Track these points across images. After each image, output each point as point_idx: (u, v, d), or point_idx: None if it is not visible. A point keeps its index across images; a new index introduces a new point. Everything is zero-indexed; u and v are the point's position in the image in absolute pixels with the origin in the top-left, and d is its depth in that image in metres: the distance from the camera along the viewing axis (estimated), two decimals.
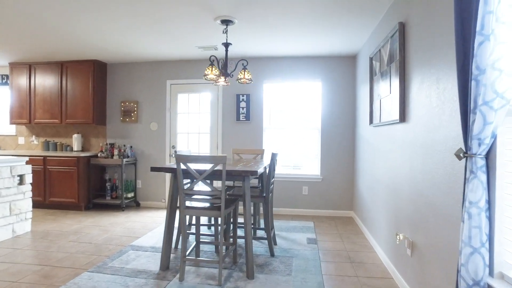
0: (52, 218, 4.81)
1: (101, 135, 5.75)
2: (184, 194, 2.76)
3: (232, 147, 5.35)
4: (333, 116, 5.09)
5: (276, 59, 5.21)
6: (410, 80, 2.56)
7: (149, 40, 4.42)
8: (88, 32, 4.15)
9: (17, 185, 4.00)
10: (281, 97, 5.29)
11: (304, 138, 5.23)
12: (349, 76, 5.05)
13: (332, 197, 5.11)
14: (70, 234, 4.03)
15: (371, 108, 3.81)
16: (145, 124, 5.59)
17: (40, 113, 5.61)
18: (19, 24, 3.84)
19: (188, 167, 2.68)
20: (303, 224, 4.59)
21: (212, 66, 3.36)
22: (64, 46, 4.75)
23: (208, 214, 2.73)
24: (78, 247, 3.59)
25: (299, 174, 5.22)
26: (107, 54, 5.18)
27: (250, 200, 2.84)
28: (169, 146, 5.52)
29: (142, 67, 5.60)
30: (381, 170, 3.41)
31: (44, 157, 5.26)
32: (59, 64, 5.52)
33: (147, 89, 5.58)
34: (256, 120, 5.29)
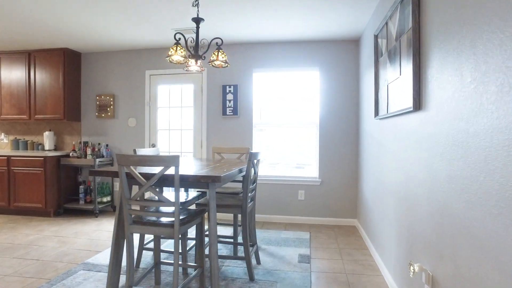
0: (11, 226, 4.24)
1: (75, 132, 5.17)
2: (128, 205, 2.12)
3: (219, 144, 4.71)
4: (333, 109, 4.40)
5: (267, 44, 4.55)
6: (428, 53, 1.87)
7: (124, 24, 3.80)
8: (56, 17, 3.58)
9: None
10: (274, 89, 4.62)
11: (300, 135, 4.56)
12: (351, 63, 4.36)
13: (332, 203, 4.42)
14: (20, 248, 3.43)
15: (376, 98, 3.12)
16: (122, 120, 4.98)
17: (7, 108, 5.05)
18: None
19: (131, 171, 2.05)
20: (297, 235, 3.92)
21: (177, 45, 2.71)
22: (30, 33, 4.17)
23: (158, 232, 2.09)
24: (19, 265, 2.99)
25: (294, 176, 4.55)
26: (79, 42, 4.58)
27: (215, 212, 2.19)
28: (149, 145, 4.90)
29: (118, 56, 5.00)
30: (388, 174, 2.72)
31: (7, 157, 4.69)
32: (26, 53, 4.95)
33: (125, 81, 4.97)
34: (245, 114, 4.63)
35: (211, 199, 2.17)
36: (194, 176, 2.03)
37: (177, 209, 2.02)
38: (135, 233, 2.09)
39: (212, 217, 2.18)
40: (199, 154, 4.78)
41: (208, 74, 4.71)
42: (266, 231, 4.06)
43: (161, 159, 1.98)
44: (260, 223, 4.46)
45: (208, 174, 2.02)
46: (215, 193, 2.18)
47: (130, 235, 2.14)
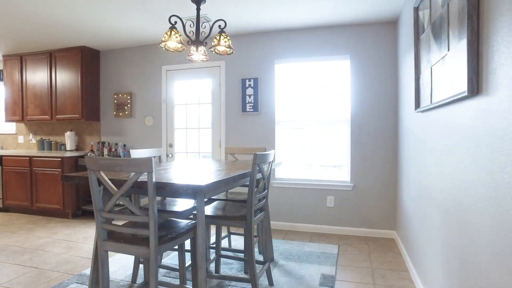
0: (29, 227, 4.17)
1: (95, 132, 5.05)
2: (101, 217, 1.77)
3: (239, 144, 4.30)
4: (366, 103, 3.80)
5: (290, 31, 4.05)
6: (491, 13, 1.30)
7: (139, 18, 3.55)
8: (73, 15, 3.48)
9: None
10: (298, 81, 4.11)
11: (329, 133, 4.00)
12: (387, 49, 3.72)
13: (366, 211, 3.82)
14: (26, 253, 3.28)
15: (417, 86, 2.51)
16: (139, 118, 4.76)
17: (32, 109, 5.06)
18: None
19: (100, 176, 1.69)
20: (324, 248, 3.39)
21: (172, 30, 2.33)
22: (50, 33, 4.12)
23: (134, 252, 1.72)
24: (16, 274, 2.80)
25: (322, 180, 4.01)
26: (97, 40, 4.43)
27: (203, 228, 1.77)
28: (166, 145, 4.63)
29: (135, 52, 4.78)
30: (431, 180, 2.13)
31: (30, 157, 4.67)
32: (48, 53, 4.91)
33: (141, 78, 4.75)
34: (266, 111, 4.17)
35: (199, 212, 1.75)
36: (172, 185, 1.62)
37: (153, 224, 1.63)
38: (109, 251, 1.73)
39: (200, 234, 1.76)
40: (217, 155, 4.41)
41: (226, 67, 4.32)
42: (289, 243, 3.58)
43: (131, 164, 1.60)
44: (283, 232, 3.98)
45: (189, 183, 1.60)
46: (203, 205, 1.76)
47: (103, 253, 1.79)
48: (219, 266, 2.73)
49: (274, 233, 3.95)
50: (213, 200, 2.88)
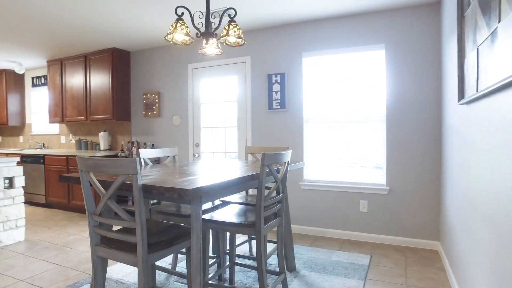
0: (64, 224, 4.32)
1: (126, 132, 5.14)
2: (93, 221, 1.66)
3: (265, 143, 4.09)
4: (404, 97, 3.39)
5: (318, 22, 3.75)
6: None
7: (166, 17, 3.51)
8: (103, 15, 3.55)
9: (4, 189, 3.51)
10: (328, 76, 3.80)
11: (362, 132, 3.64)
12: (428, 35, 3.28)
13: (404, 219, 3.41)
14: (55, 249, 3.36)
15: (460, 72, 2.12)
16: (167, 118, 4.74)
17: (70, 110, 5.28)
18: (40, 19, 3.68)
19: (89, 177, 1.58)
20: (354, 258, 3.06)
21: (178, 21, 2.19)
22: (84, 37, 4.29)
23: (123, 259, 1.58)
24: (39, 270, 2.85)
25: (354, 182, 3.66)
26: (127, 41, 4.49)
27: (199, 236, 1.59)
28: (192, 144, 4.56)
29: (162, 52, 4.77)
30: (478, 188, 1.75)
31: (66, 157, 4.86)
32: (83, 57, 5.08)
33: (169, 77, 4.72)
34: (294, 108, 3.91)
35: (193, 218, 1.57)
36: (158, 188, 1.46)
37: (140, 230, 1.48)
38: (101, 256, 1.61)
39: (195, 243, 1.58)
40: (243, 155, 4.23)
41: (252, 62, 4.13)
42: (315, 250, 3.30)
43: (116, 165, 1.47)
44: (311, 238, 3.70)
45: (175, 187, 1.43)
46: (198, 210, 1.58)
47: (96, 258, 1.68)
48: (234, 274, 2.55)
49: (301, 239, 3.69)
50: (228, 203, 2.71)
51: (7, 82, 6.19)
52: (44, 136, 6.19)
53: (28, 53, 5.11)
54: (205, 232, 2.15)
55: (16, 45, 4.67)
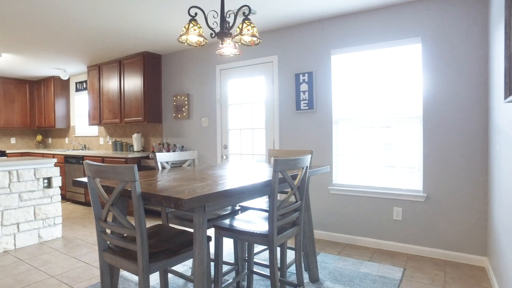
0: None
1: (158, 134, 5.24)
2: (100, 226, 1.65)
3: (292, 145, 3.95)
4: (443, 95, 3.07)
5: (346, 17, 3.53)
6: None
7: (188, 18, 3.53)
8: (132, 21, 3.67)
9: (43, 189, 3.71)
10: (358, 74, 3.56)
11: (396, 133, 3.37)
12: (472, 25, 2.93)
13: (444, 229, 3.09)
14: (85, 247, 3.49)
15: (508, 65, 1.84)
16: (196, 120, 4.76)
17: (106, 113, 5.51)
18: (77, 29, 3.91)
19: (94, 183, 1.57)
20: (384, 270, 2.82)
21: (191, 22, 2.13)
22: (118, 41, 4.43)
23: (127, 267, 1.55)
24: (69, 267, 2.96)
25: (387, 188, 3.40)
26: (158, 44, 4.58)
27: (204, 246, 1.51)
28: (220, 146, 4.53)
29: (191, 53, 4.80)
30: None
31: (102, 157, 5.07)
32: (118, 61, 5.27)
33: (197, 79, 4.74)
34: (323, 108, 3.73)
35: (196, 228, 1.50)
36: (156, 196, 1.40)
37: (139, 237, 1.43)
38: (108, 263, 1.60)
39: (197, 254, 1.50)
40: None
41: (279, 62, 4.01)
42: (343, 260, 3.10)
43: (116, 171, 1.43)
44: (340, 246, 3.49)
45: (171, 195, 1.36)
46: (201, 221, 1.50)
47: (103, 264, 1.67)
48: (252, 283, 2.45)
49: (329, 246, 3.50)
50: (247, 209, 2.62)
51: (54, 88, 6.62)
52: (86, 137, 6.54)
53: (70, 60, 5.40)
54: (218, 240, 2.07)
55: (61, 53, 4.95)
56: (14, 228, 3.49)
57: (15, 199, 3.50)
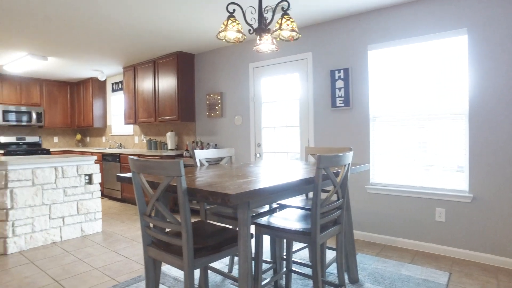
0: (135, 218, 4.64)
1: (191, 132, 5.33)
2: (144, 221, 1.68)
3: (328, 143, 3.87)
4: (492, 90, 2.88)
5: (385, 10, 3.40)
6: None
7: (223, 17, 3.56)
8: (166, 21, 3.76)
9: (85, 185, 3.87)
10: (396, 69, 3.43)
11: (438, 130, 3.21)
12: None
13: (494, 232, 2.90)
14: (124, 242, 3.60)
15: None
16: (229, 118, 4.79)
17: (141, 112, 5.66)
18: (113, 30, 4.02)
19: (140, 179, 1.60)
20: (428, 274, 2.69)
21: (230, 18, 2.13)
22: (152, 42, 4.54)
23: (171, 261, 1.57)
24: (110, 260, 3.07)
25: (429, 187, 3.25)
26: (191, 44, 4.66)
27: (248, 242, 1.49)
28: (254, 144, 4.52)
29: (224, 52, 4.83)
30: None
31: (137, 155, 5.21)
32: (152, 62, 5.40)
33: (230, 77, 4.76)
34: (359, 105, 3.62)
35: (241, 225, 1.49)
36: (202, 191, 1.40)
37: (185, 233, 1.44)
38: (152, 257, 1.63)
39: (243, 251, 1.49)
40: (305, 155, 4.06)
41: (314, 58, 3.94)
42: (383, 261, 2.99)
43: (161, 166, 1.45)
44: (378, 247, 3.38)
45: (218, 191, 1.35)
46: (246, 216, 1.49)
47: (147, 258, 1.70)
48: (290, 282, 2.42)
49: (367, 247, 3.39)
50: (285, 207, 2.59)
51: (92, 89, 6.91)
52: (121, 136, 6.77)
53: (107, 61, 5.61)
54: (259, 237, 2.05)
55: (99, 55, 5.15)
56: (60, 221, 3.67)
57: (61, 194, 3.68)
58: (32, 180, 3.47)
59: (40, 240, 3.52)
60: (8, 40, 4.33)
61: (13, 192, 3.33)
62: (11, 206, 3.31)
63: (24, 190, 3.40)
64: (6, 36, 4.19)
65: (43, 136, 7.33)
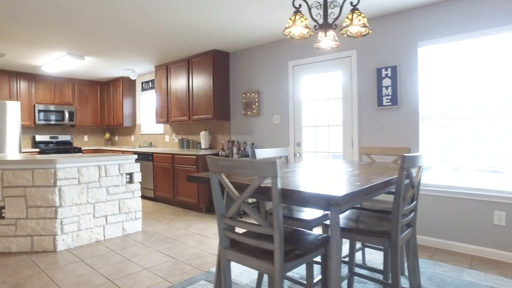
0: (171, 218, 4.63)
1: (226, 131, 5.29)
2: (223, 223, 1.63)
3: (373, 143, 3.76)
4: None
5: (436, 5, 3.27)
6: None
7: (267, 15, 3.50)
8: (205, 18, 3.73)
9: (126, 184, 3.88)
10: (449, 67, 3.29)
11: (497, 129, 3.06)
12: None
13: None
14: (167, 242, 3.59)
15: None
16: (267, 117, 4.72)
17: (174, 111, 5.66)
18: (148, 26, 3.97)
19: (221, 179, 1.54)
20: (494, 281, 2.56)
21: (297, 14, 2.06)
22: (187, 40, 4.51)
23: (256, 266, 1.51)
24: (158, 261, 3.04)
25: (486, 189, 3.10)
26: (227, 42, 4.62)
27: (339, 247, 1.42)
28: (293, 144, 4.45)
29: (261, 51, 4.76)
30: None
31: (172, 155, 5.21)
32: (186, 60, 5.39)
33: (268, 75, 4.69)
34: (408, 104, 3.50)
35: (333, 228, 1.41)
36: (300, 193, 1.33)
37: (278, 237, 1.38)
38: (231, 261, 1.58)
39: (334, 254, 1.42)
40: (349, 155, 3.96)
41: (358, 56, 3.83)
42: (439, 265, 2.87)
43: (253, 166, 1.39)
44: (429, 250, 3.26)
45: (321, 192, 1.28)
46: (338, 219, 1.41)
47: (225, 262, 1.65)
48: (352, 285, 2.34)
49: (418, 249, 3.27)
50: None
51: (123, 88, 6.97)
52: (151, 135, 6.80)
53: (140, 60, 5.63)
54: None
55: (132, 54, 5.17)
56: (103, 220, 3.68)
57: (104, 193, 3.68)
58: (78, 179, 3.49)
59: (85, 239, 3.54)
60: (49, 40, 4.38)
61: (61, 190, 3.35)
62: (60, 204, 3.33)
63: (71, 188, 3.42)
64: (48, 36, 4.23)
65: (74, 135, 7.43)
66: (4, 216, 3.29)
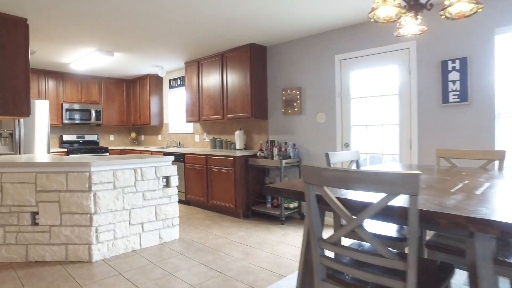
0: (207, 224, 4.33)
1: (263, 130, 4.96)
2: (320, 249, 1.29)
3: (436, 144, 3.35)
4: None
5: None
6: None
7: (309, 4, 3.15)
8: (243, 11, 3.44)
9: (163, 188, 3.60)
10: None
11: None
12: None
13: None
14: (209, 252, 3.28)
15: None
16: (310, 115, 4.36)
17: (206, 109, 5.37)
18: (180, 16, 3.64)
19: (325, 195, 1.20)
20: None
21: None
22: (220, 33, 4.20)
23: None
24: (204, 276, 2.73)
25: None
26: (265, 35, 4.29)
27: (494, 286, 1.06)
28: (340, 144, 4.07)
29: (303, 44, 4.40)
30: None
31: (206, 155, 4.92)
32: (220, 55, 5.08)
33: (311, 70, 4.33)
34: (481, 100, 3.08)
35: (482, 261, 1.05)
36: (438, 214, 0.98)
37: (412, 272, 1.03)
38: None
39: None
40: (406, 158, 3.57)
41: (418, 48, 3.43)
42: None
43: (380, 180, 1.04)
44: None
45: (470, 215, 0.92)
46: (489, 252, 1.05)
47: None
48: None
49: None
50: None
51: (150, 86, 6.74)
52: (180, 134, 6.54)
53: (169, 56, 5.36)
54: None
55: (162, 49, 4.90)
56: (139, 227, 3.41)
57: (140, 198, 3.41)
58: (113, 183, 3.22)
59: (121, 248, 3.28)
60: (79, 36, 4.16)
61: (96, 195, 3.09)
62: (95, 211, 3.08)
63: (106, 193, 3.16)
64: (79, 32, 4.01)
65: (100, 134, 7.26)
66: (38, 223, 3.06)
